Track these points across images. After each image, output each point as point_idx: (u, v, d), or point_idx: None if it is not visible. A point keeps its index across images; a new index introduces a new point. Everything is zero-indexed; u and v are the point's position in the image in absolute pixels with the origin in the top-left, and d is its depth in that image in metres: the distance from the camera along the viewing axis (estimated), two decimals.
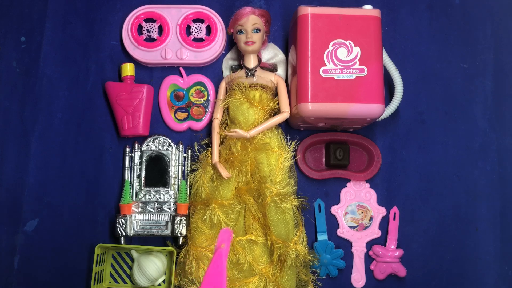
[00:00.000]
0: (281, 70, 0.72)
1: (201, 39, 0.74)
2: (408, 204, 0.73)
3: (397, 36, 0.76)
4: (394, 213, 0.72)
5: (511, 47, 0.76)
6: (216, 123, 0.69)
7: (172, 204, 0.70)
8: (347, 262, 0.71)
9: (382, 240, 0.72)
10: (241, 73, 0.69)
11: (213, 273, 0.31)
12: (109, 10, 0.76)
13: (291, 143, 0.70)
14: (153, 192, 0.70)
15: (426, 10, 0.77)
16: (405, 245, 0.72)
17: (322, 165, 0.73)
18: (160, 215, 0.69)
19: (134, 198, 0.70)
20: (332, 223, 0.72)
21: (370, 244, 0.72)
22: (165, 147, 0.71)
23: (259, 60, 0.70)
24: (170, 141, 0.71)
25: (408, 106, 0.74)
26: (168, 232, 0.69)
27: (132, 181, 0.70)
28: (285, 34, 0.75)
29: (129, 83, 0.71)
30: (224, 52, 0.75)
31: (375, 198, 0.72)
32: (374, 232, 0.72)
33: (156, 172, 0.71)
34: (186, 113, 0.73)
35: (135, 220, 0.69)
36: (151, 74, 0.74)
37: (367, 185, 0.72)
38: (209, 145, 0.70)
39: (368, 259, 0.72)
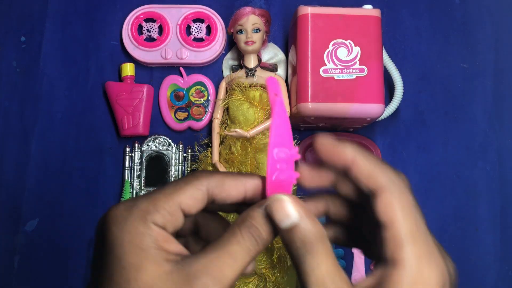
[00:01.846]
0: (281, 70, 0.72)
1: (201, 39, 0.74)
2: None
3: (397, 36, 0.76)
4: None
5: (511, 47, 0.76)
6: (216, 123, 0.69)
7: None
8: (347, 262, 0.71)
9: None
10: (241, 73, 0.69)
11: (279, 125, 0.28)
12: (109, 10, 0.76)
13: None
14: None
15: (426, 10, 0.77)
16: None
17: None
18: None
19: None
20: None
21: None
22: (165, 147, 0.71)
23: (259, 60, 0.70)
24: (170, 141, 0.71)
25: (408, 106, 0.74)
26: None
27: (132, 181, 0.70)
28: (285, 34, 0.75)
29: (129, 83, 0.71)
30: (224, 52, 0.75)
31: None
32: None
33: (156, 172, 0.71)
34: (186, 113, 0.73)
35: None
36: (151, 74, 0.74)
37: None
38: (209, 145, 0.70)
39: (369, 259, 0.72)
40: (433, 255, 0.27)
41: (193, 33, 0.74)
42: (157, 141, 0.71)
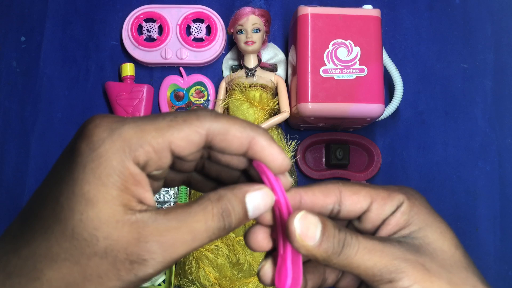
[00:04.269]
0: (281, 70, 0.72)
1: (201, 39, 0.74)
2: None
3: (397, 36, 0.76)
4: None
5: (511, 47, 0.76)
6: None
7: (172, 204, 0.70)
8: None
9: None
10: (241, 73, 0.69)
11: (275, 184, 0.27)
12: (109, 10, 0.76)
13: (291, 143, 0.70)
14: None
15: (426, 10, 0.77)
16: None
17: (322, 165, 0.73)
18: None
19: None
20: None
21: None
22: None
23: (259, 60, 0.70)
24: None
25: (408, 106, 0.74)
26: None
27: None
28: (285, 34, 0.75)
29: (129, 83, 0.71)
30: (224, 52, 0.75)
31: None
32: None
33: None
34: None
35: None
36: (151, 74, 0.74)
37: None
38: None
39: None
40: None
41: (193, 33, 0.74)
42: None
